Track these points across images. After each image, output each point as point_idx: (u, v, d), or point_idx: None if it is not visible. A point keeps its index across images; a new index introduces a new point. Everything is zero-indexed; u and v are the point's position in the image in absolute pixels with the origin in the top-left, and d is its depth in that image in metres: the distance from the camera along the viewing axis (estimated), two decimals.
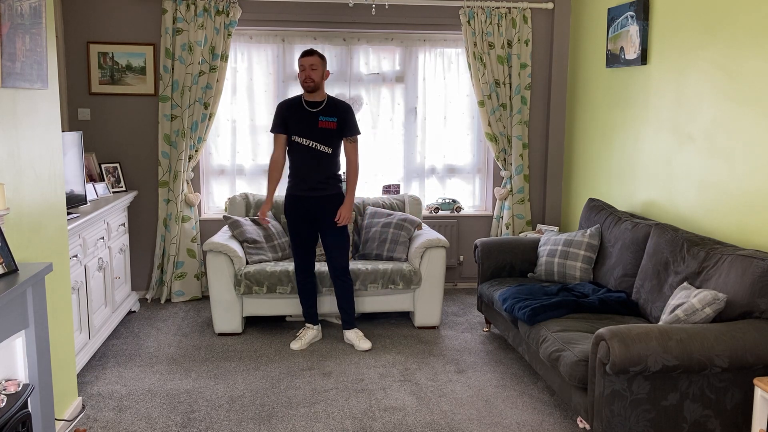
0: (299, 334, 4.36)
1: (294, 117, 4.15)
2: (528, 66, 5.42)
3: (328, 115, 4.13)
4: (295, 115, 4.15)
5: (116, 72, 5.12)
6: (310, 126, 4.12)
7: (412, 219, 4.85)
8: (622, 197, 4.65)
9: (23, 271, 2.51)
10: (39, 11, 2.83)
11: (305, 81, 4.08)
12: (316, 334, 4.38)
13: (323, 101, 4.17)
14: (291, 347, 4.26)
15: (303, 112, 4.14)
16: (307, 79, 4.07)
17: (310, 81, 4.07)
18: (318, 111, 4.13)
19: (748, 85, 3.36)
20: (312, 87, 4.09)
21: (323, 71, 4.12)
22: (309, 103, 4.15)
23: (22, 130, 2.78)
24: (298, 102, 4.19)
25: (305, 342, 4.30)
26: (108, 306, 4.37)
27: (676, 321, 3.01)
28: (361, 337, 4.31)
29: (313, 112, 4.13)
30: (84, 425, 3.27)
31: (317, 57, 4.10)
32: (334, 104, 4.19)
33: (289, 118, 4.16)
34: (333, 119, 4.13)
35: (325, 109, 4.14)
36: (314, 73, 4.07)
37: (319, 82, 4.10)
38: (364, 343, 4.27)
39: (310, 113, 4.13)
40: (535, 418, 3.37)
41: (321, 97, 4.17)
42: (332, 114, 4.14)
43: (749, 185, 3.36)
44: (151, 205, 5.30)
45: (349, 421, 3.33)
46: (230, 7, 5.04)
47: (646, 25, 4.24)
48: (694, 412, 2.83)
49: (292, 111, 4.16)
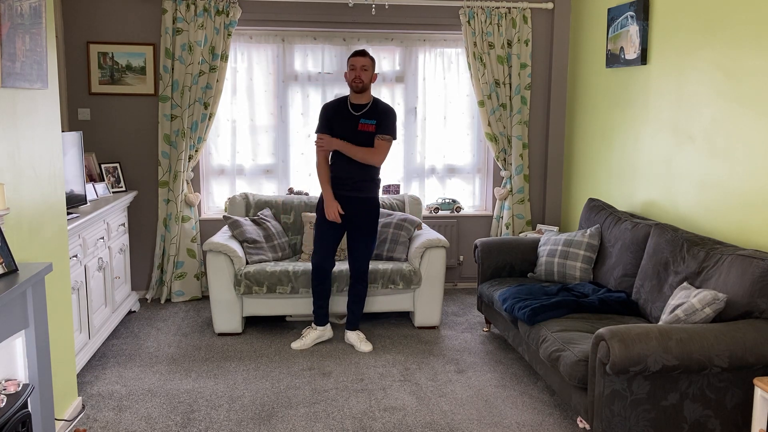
0: (303, 333, 4.34)
1: (337, 118, 4.13)
2: (528, 66, 5.42)
3: (368, 118, 4.11)
4: (338, 116, 4.14)
5: (116, 72, 5.12)
6: (351, 128, 4.09)
7: (412, 219, 4.86)
8: (622, 197, 4.65)
9: (23, 271, 2.51)
10: (39, 11, 2.83)
11: (354, 81, 4.06)
12: (320, 335, 4.33)
13: (368, 104, 4.14)
14: (292, 346, 4.25)
15: (346, 114, 4.13)
16: (357, 79, 4.05)
17: (359, 81, 4.05)
18: (360, 114, 4.11)
19: (748, 85, 3.36)
20: (361, 88, 4.06)
21: (372, 73, 4.11)
22: (354, 105, 4.14)
23: (22, 130, 2.78)
24: (343, 103, 4.18)
25: (307, 342, 4.27)
26: (108, 306, 4.37)
27: (676, 321, 3.01)
28: (363, 339, 4.29)
29: (356, 115, 4.12)
30: (84, 425, 3.27)
31: (369, 59, 4.08)
32: (377, 107, 4.16)
33: (333, 119, 4.14)
34: (372, 122, 4.10)
35: (367, 112, 4.12)
36: (365, 74, 4.05)
37: (367, 84, 4.08)
38: (365, 346, 4.25)
39: (353, 116, 4.12)
40: (535, 418, 3.37)
41: (366, 99, 4.14)
42: (372, 116, 4.11)
43: (749, 185, 3.36)
44: (151, 205, 5.30)
45: (349, 421, 3.33)
46: (230, 7, 5.04)
47: (646, 25, 4.24)
48: (694, 412, 2.83)
49: (336, 112, 4.15)
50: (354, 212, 4.16)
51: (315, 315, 4.34)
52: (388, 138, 4.11)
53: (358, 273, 4.24)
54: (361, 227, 4.19)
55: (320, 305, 4.31)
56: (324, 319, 4.34)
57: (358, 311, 4.34)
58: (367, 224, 4.21)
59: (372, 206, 4.20)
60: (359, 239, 4.21)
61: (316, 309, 4.32)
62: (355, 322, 4.35)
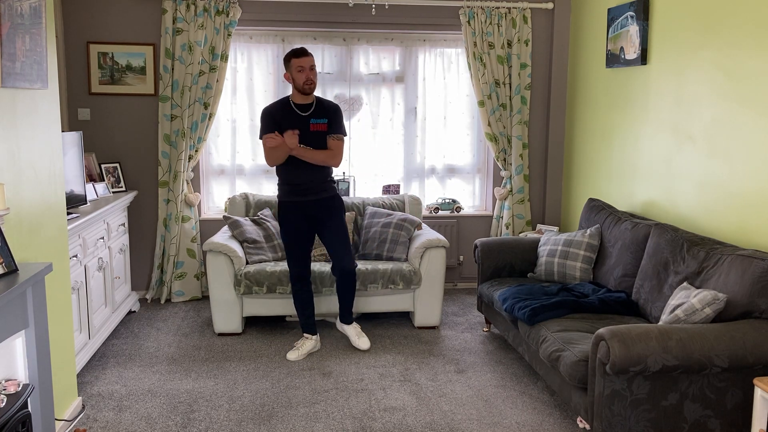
0: (297, 344, 4.18)
1: (285, 121, 3.96)
2: (528, 66, 5.42)
3: (318, 117, 3.99)
4: (286, 119, 3.97)
5: (116, 72, 5.12)
6: (301, 130, 3.94)
7: (412, 219, 4.85)
8: (622, 197, 4.65)
9: (23, 271, 2.51)
10: (39, 11, 2.83)
11: (306, 83, 3.91)
12: (314, 345, 4.19)
13: (312, 103, 4.02)
14: (287, 357, 4.10)
15: (293, 116, 3.98)
16: (308, 81, 3.91)
17: (311, 83, 3.92)
18: (309, 114, 3.99)
19: (748, 85, 3.36)
20: (311, 89, 3.94)
21: None
22: (299, 106, 4.00)
23: (22, 130, 2.78)
24: (286, 105, 4.02)
25: (303, 353, 4.12)
26: (108, 306, 4.37)
27: (676, 321, 3.01)
28: (360, 333, 4.22)
29: (304, 115, 3.98)
30: (84, 425, 3.27)
31: (312, 57, 3.96)
32: (323, 105, 4.05)
33: (281, 121, 3.96)
34: (323, 120, 3.99)
35: (315, 112, 4.00)
36: (313, 73, 3.93)
37: (316, 84, 3.96)
38: (363, 341, 4.18)
39: (301, 117, 3.98)
40: (535, 418, 3.37)
41: (311, 99, 4.01)
42: (322, 115, 4.00)
43: (749, 185, 3.36)
44: (151, 205, 5.30)
45: (349, 421, 3.33)
46: (230, 7, 5.04)
47: (646, 25, 4.24)
48: (694, 412, 2.83)
49: (283, 115, 3.98)
50: (323, 214, 4.07)
51: (304, 325, 4.21)
52: (341, 137, 4.02)
53: (344, 270, 4.10)
54: (334, 226, 4.08)
55: (309, 314, 4.20)
56: (314, 327, 4.22)
57: (349, 302, 4.20)
58: (338, 222, 4.10)
59: (339, 203, 4.13)
60: (334, 238, 4.09)
61: (307, 318, 4.19)
62: (348, 314, 4.23)
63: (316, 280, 4.40)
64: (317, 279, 4.40)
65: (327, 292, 4.47)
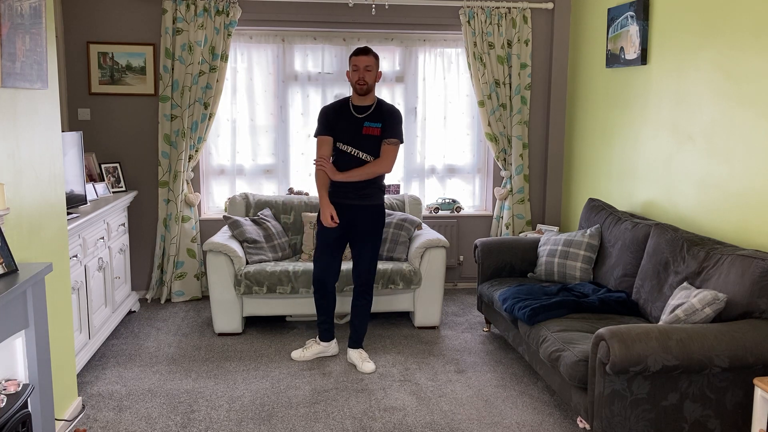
0: (307, 344, 4.14)
1: (340, 122, 3.86)
2: (528, 66, 5.42)
3: (373, 121, 3.83)
4: (341, 119, 3.86)
5: (116, 72, 5.12)
6: (354, 132, 3.83)
7: (412, 219, 4.85)
8: (622, 197, 4.65)
9: (23, 271, 2.51)
10: (39, 11, 2.83)
11: (358, 82, 3.78)
12: (322, 350, 4.10)
13: (372, 105, 3.87)
14: (292, 355, 4.08)
15: (349, 117, 3.86)
16: (360, 80, 3.77)
17: (363, 83, 3.78)
18: (364, 116, 3.84)
19: (748, 85, 3.36)
20: (365, 90, 3.80)
21: (377, 72, 3.84)
22: (356, 107, 3.87)
23: (22, 130, 2.78)
24: (345, 105, 3.90)
25: (307, 355, 4.07)
26: (108, 306, 4.37)
27: (676, 321, 3.01)
28: (365, 359, 4.01)
29: (360, 117, 3.84)
30: (84, 425, 3.27)
31: (373, 57, 3.80)
32: (381, 108, 3.88)
33: (335, 122, 3.87)
34: (377, 125, 3.82)
35: (371, 115, 3.85)
36: (368, 74, 3.78)
37: (371, 85, 3.81)
38: (368, 365, 3.96)
39: (356, 118, 3.84)
40: (535, 418, 3.37)
41: (370, 101, 3.87)
42: (377, 119, 3.83)
43: (749, 185, 3.36)
44: (151, 205, 5.30)
45: (349, 421, 3.33)
46: (230, 7, 5.04)
47: (646, 25, 4.24)
48: (694, 412, 2.83)
49: (339, 115, 3.87)
50: (358, 221, 3.91)
51: (319, 330, 4.11)
52: (395, 142, 3.86)
53: (363, 285, 3.98)
54: (366, 237, 3.93)
55: (323, 320, 4.07)
56: (328, 334, 4.10)
57: (361, 328, 4.06)
58: (372, 233, 3.95)
59: (378, 214, 3.95)
60: (364, 249, 3.94)
61: (320, 323, 4.09)
62: (358, 340, 4.07)
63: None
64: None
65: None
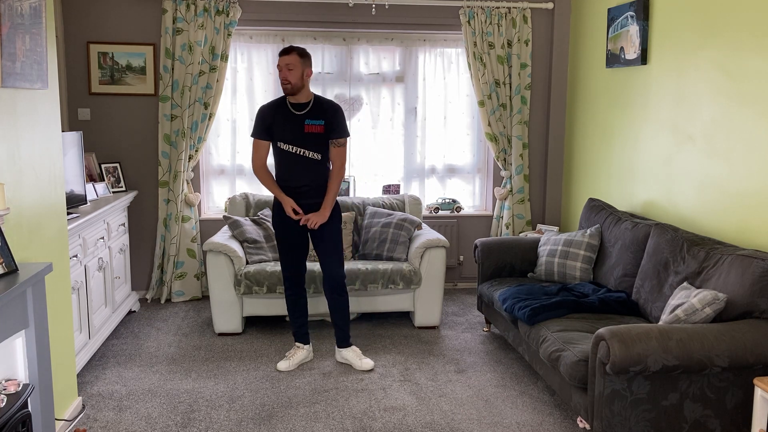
0: (288, 354, 4.01)
1: (278, 121, 3.77)
2: (528, 66, 5.42)
3: (314, 118, 3.75)
4: (279, 118, 3.77)
5: (116, 72, 5.12)
6: (295, 131, 3.74)
7: (412, 219, 4.85)
8: (622, 197, 4.65)
9: (23, 271, 2.51)
10: (39, 11, 2.83)
11: (282, 82, 3.70)
12: (306, 355, 4.02)
13: (309, 102, 3.78)
14: (278, 367, 3.93)
15: (288, 116, 3.76)
16: (284, 80, 3.68)
17: (286, 82, 3.68)
18: (304, 114, 3.76)
19: (748, 85, 3.36)
20: (290, 90, 3.70)
21: (303, 70, 3.70)
22: (294, 105, 3.77)
23: (22, 130, 2.78)
24: (282, 104, 3.81)
25: (294, 363, 3.95)
26: (108, 306, 4.37)
27: (676, 321, 3.01)
28: (360, 355, 3.97)
29: (299, 115, 3.76)
30: (84, 425, 3.27)
31: (295, 55, 3.68)
32: (321, 105, 3.80)
33: (273, 122, 3.78)
34: (320, 122, 3.75)
35: (311, 111, 3.76)
36: (291, 73, 3.67)
37: (296, 84, 3.69)
38: (366, 362, 3.92)
39: (296, 116, 3.76)
40: (535, 418, 3.37)
41: (306, 98, 3.77)
42: (319, 116, 3.76)
43: (749, 185, 3.36)
44: (151, 205, 5.30)
45: (349, 421, 3.33)
46: (230, 7, 5.04)
47: (646, 25, 4.24)
48: (694, 412, 2.83)
49: (276, 114, 3.78)
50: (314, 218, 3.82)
51: (296, 334, 4.01)
52: (344, 142, 3.81)
53: (332, 281, 3.88)
54: (327, 232, 3.84)
55: (301, 323, 4.00)
56: (307, 337, 4.04)
57: (345, 325, 3.96)
58: (330, 228, 3.86)
59: (335, 210, 3.88)
60: (327, 245, 3.86)
61: (299, 327, 4.00)
62: (346, 338, 3.99)
63: (317, 279, 4.39)
64: (317, 279, 4.40)
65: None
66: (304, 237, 3.92)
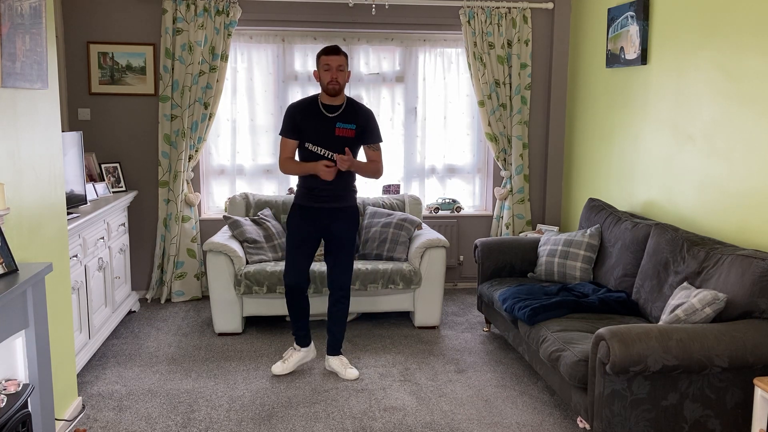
0: (285, 356, 3.93)
1: (309, 122, 3.68)
2: (528, 66, 5.42)
3: (346, 122, 3.68)
4: (310, 119, 3.68)
5: (116, 72, 5.12)
6: (325, 133, 3.66)
7: (412, 219, 4.85)
8: (622, 197, 4.65)
9: (23, 271, 2.51)
10: (39, 11, 2.83)
11: (330, 83, 3.61)
12: (304, 356, 3.93)
13: (342, 105, 3.71)
14: (272, 370, 3.85)
15: (319, 117, 3.68)
16: (333, 81, 3.61)
17: (336, 84, 3.61)
18: (336, 116, 3.68)
19: (748, 85, 3.36)
20: (337, 90, 3.64)
21: (348, 72, 3.69)
22: (326, 106, 3.69)
23: (22, 130, 2.78)
24: (313, 104, 3.72)
25: (290, 366, 3.87)
26: (108, 306, 4.37)
27: (676, 321, 3.01)
28: (347, 365, 3.88)
29: (331, 117, 3.68)
30: (84, 425, 3.27)
31: (344, 57, 3.65)
32: (354, 109, 3.74)
33: (302, 122, 3.68)
34: (351, 126, 3.68)
35: (343, 114, 3.69)
36: (341, 75, 3.62)
37: (344, 85, 3.66)
38: (351, 372, 3.83)
39: (327, 118, 3.67)
40: (535, 418, 3.37)
41: (340, 100, 3.70)
42: (351, 120, 3.69)
43: (749, 185, 3.36)
44: (151, 205, 5.30)
45: (349, 421, 3.33)
46: (230, 7, 5.04)
47: (646, 25, 4.24)
48: (694, 412, 2.83)
49: (307, 115, 3.69)
50: (333, 224, 3.76)
51: (296, 336, 3.92)
52: (379, 146, 3.81)
53: (340, 290, 3.83)
54: (342, 239, 3.78)
55: (301, 326, 3.90)
56: (306, 339, 3.93)
57: (339, 334, 3.91)
58: (347, 235, 3.80)
59: (353, 215, 3.83)
60: (341, 252, 3.79)
61: (297, 330, 3.90)
62: (337, 347, 3.92)
63: (317, 280, 4.39)
64: (318, 279, 4.40)
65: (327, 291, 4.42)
66: (317, 242, 3.84)
